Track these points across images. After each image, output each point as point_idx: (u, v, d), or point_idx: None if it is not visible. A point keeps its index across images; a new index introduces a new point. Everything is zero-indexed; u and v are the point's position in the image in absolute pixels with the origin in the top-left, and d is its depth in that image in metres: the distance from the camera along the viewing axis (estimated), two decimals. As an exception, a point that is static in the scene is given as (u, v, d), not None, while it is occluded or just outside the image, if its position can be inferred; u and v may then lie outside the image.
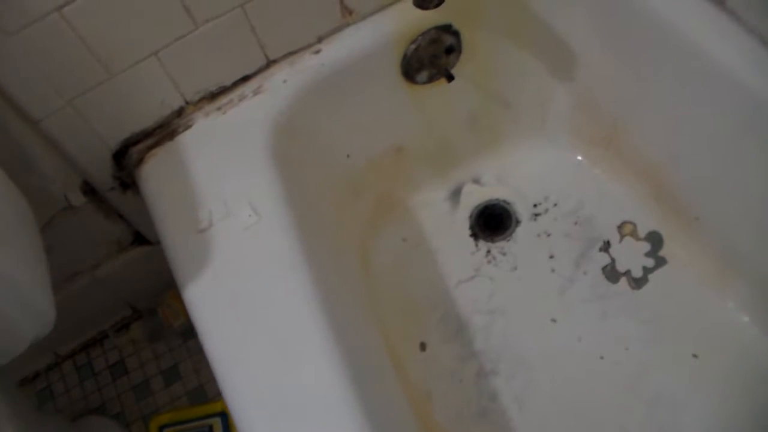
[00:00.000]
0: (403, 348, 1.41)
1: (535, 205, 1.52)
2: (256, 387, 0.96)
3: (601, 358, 1.35)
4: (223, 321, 1.02)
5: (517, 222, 1.51)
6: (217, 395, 1.56)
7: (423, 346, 1.41)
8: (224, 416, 1.51)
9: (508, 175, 1.56)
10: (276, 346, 0.98)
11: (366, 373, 1.02)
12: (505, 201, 1.53)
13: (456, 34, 1.29)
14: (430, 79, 1.34)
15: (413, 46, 1.26)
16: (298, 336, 0.98)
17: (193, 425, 1.53)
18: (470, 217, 1.53)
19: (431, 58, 1.30)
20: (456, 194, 1.56)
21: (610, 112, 1.41)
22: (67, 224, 1.34)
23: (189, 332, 1.62)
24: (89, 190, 1.31)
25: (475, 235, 1.51)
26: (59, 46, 1.01)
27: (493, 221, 1.53)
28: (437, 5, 1.01)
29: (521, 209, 1.52)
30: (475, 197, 1.55)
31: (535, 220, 1.50)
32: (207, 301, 1.04)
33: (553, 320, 1.40)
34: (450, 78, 1.31)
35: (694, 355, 1.33)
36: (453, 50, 1.32)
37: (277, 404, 0.95)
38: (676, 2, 1.15)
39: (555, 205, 1.51)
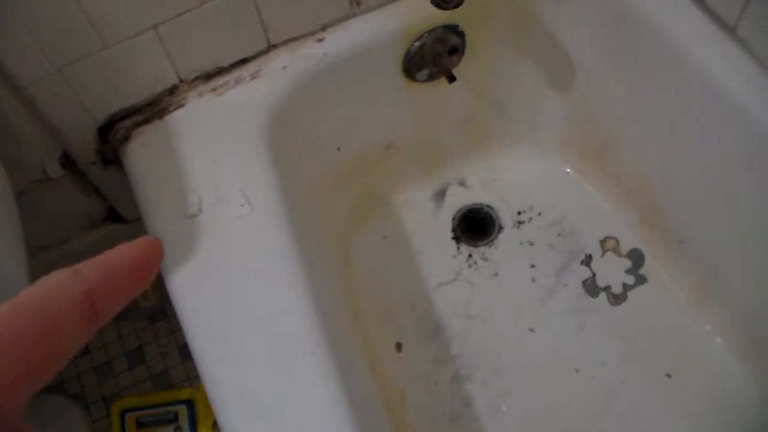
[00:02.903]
0: (379, 347, 1.39)
1: (519, 213, 1.51)
2: (242, 383, 0.93)
3: (577, 371, 1.35)
4: (208, 313, 0.98)
5: (500, 228, 1.50)
6: (183, 381, 1.53)
7: (399, 347, 1.39)
8: (190, 403, 1.48)
9: (494, 180, 1.55)
10: (264, 343, 0.96)
11: (351, 372, 1.00)
12: (489, 206, 1.52)
13: (462, 35, 1.28)
14: (430, 78, 1.32)
15: (418, 44, 1.24)
16: (288, 333, 0.96)
17: (157, 411, 1.49)
18: (453, 219, 1.52)
19: (434, 57, 1.28)
20: (440, 195, 1.54)
21: (603, 127, 1.41)
22: (40, 196, 1.29)
23: (157, 315, 1.58)
24: (68, 162, 1.26)
25: (457, 238, 1.50)
26: (55, 10, 0.97)
27: (476, 225, 1.51)
28: (456, 6, 0.99)
29: (505, 216, 1.51)
30: (459, 199, 1.53)
31: (518, 227, 1.49)
32: (193, 291, 1.00)
33: (531, 330, 1.39)
34: (452, 79, 1.29)
35: (668, 375, 1.33)
36: (456, 51, 1.30)
37: (264, 402, 0.92)
38: (686, 27, 1.14)
39: (539, 214, 1.50)
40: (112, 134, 1.17)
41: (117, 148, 1.17)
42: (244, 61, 1.20)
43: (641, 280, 1.42)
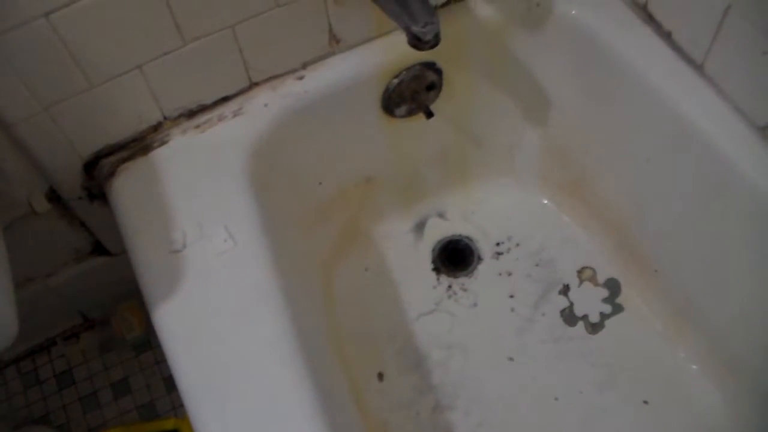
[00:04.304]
0: (361, 377, 1.41)
1: (497, 244, 1.54)
2: (225, 415, 0.95)
3: (556, 399, 1.37)
4: (193, 347, 1.01)
5: (479, 259, 1.53)
6: (168, 411, 1.54)
7: (381, 377, 1.41)
8: (176, 434, 1.49)
9: (473, 212, 1.58)
10: (247, 376, 0.98)
11: (334, 406, 1.03)
12: (468, 237, 1.55)
13: (439, 72, 1.31)
14: (409, 114, 1.36)
15: (396, 81, 1.27)
16: (270, 366, 0.98)
17: (142, 442, 1.50)
18: (433, 251, 1.55)
19: (412, 93, 1.32)
20: (420, 227, 1.57)
21: (579, 160, 1.44)
22: (27, 230, 1.31)
23: (142, 345, 1.59)
24: (54, 197, 1.28)
25: (437, 270, 1.52)
26: (43, 52, 1.00)
27: (455, 257, 1.54)
28: (432, 47, 1.02)
29: (484, 247, 1.54)
30: (439, 231, 1.57)
31: (497, 258, 1.52)
32: (178, 324, 1.02)
33: (510, 359, 1.42)
34: (430, 115, 1.32)
35: (645, 402, 1.36)
36: (434, 87, 1.33)
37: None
38: (655, 63, 1.19)
39: (517, 245, 1.53)
40: (98, 170, 1.20)
41: (102, 183, 1.20)
42: (226, 99, 1.22)
43: (618, 308, 1.45)
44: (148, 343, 1.60)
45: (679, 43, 1.17)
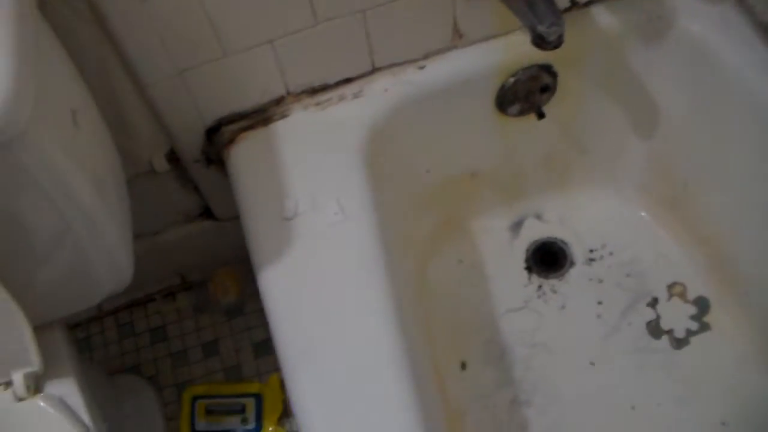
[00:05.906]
0: (444, 364, 1.44)
1: (591, 251, 1.55)
2: (322, 380, 0.99)
3: (633, 408, 1.38)
4: (296, 312, 1.05)
5: (572, 263, 1.54)
6: (253, 376, 1.60)
7: (464, 366, 1.45)
8: (258, 398, 1.54)
9: (570, 216, 1.60)
10: (346, 348, 1.02)
11: (423, 387, 1.05)
12: (562, 241, 1.57)
13: (554, 75, 1.33)
14: (521, 113, 1.38)
15: (513, 79, 1.30)
16: (370, 338, 1.02)
17: (226, 401, 1.55)
18: (527, 250, 1.57)
19: (526, 93, 1.34)
20: (517, 226, 1.59)
21: (682, 176, 1.44)
22: (144, 188, 1.37)
23: (235, 311, 1.65)
24: (174, 158, 1.34)
25: (529, 269, 1.55)
26: (185, 18, 1.05)
27: (548, 258, 1.56)
28: (555, 47, 1.05)
29: (577, 252, 1.55)
30: (535, 232, 1.59)
31: (589, 264, 1.54)
32: (284, 290, 1.07)
33: (592, 363, 1.43)
34: (541, 116, 1.35)
35: (723, 423, 1.35)
36: (548, 90, 1.35)
37: (343, 407, 0.98)
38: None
39: (611, 253, 1.54)
40: (219, 136, 1.25)
41: (221, 149, 1.25)
42: (348, 80, 1.27)
43: (705, 327, 1.45)
44: (241, 309, 1.66)
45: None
